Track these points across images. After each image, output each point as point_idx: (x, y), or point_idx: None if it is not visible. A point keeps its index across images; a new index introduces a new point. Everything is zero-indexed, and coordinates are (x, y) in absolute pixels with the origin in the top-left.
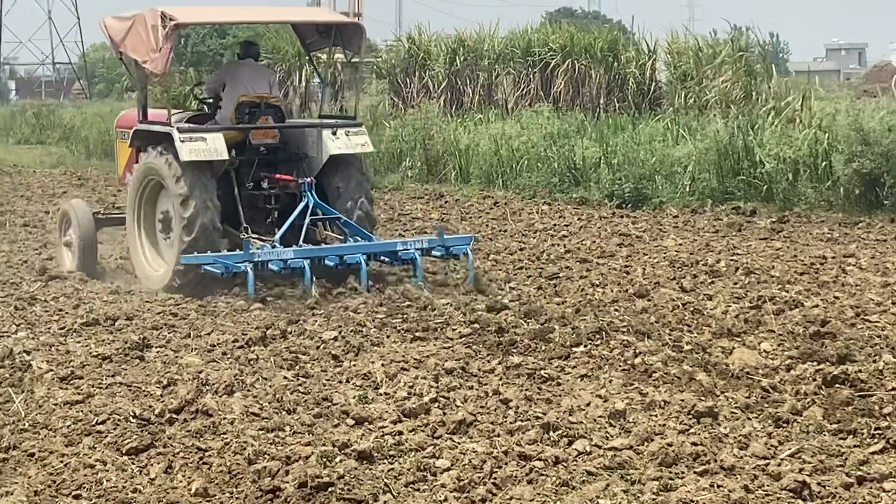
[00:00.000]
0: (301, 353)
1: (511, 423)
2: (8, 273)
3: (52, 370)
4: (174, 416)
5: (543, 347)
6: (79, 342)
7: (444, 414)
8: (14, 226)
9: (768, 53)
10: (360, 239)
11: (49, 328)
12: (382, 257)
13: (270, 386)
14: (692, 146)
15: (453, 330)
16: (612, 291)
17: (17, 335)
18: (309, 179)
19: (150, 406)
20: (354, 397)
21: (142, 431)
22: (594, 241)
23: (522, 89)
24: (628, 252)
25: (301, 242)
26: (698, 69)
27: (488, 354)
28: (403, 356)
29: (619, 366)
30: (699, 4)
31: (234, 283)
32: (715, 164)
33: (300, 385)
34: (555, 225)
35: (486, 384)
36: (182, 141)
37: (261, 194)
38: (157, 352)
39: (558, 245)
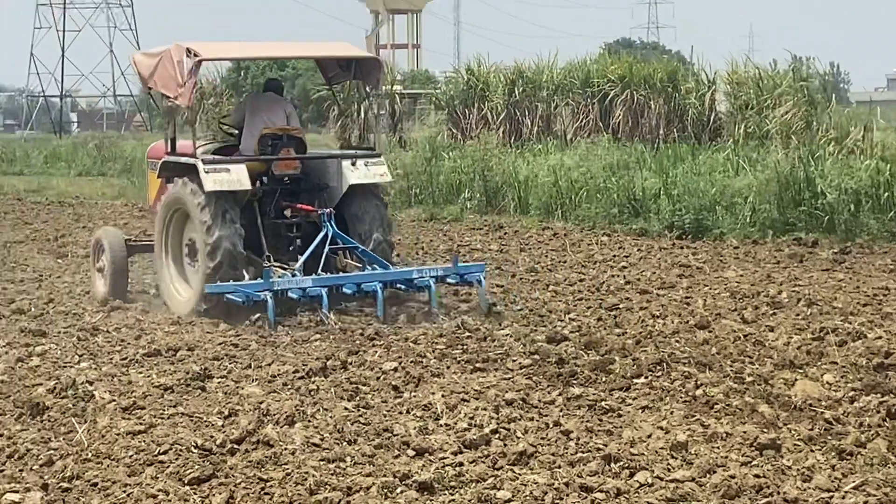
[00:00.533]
0: (361, 384)
1: (572, 454)
2: (70, 303)
3: (114, 400)
4: (235, 446)
5: (604, 379)
6: (141, 372)
7: (505, 445)
8: (76, 257)
9: (829, 83)
10: (377, 267)
11: (111, 358)
12: (399, 285)
13: (331, 416)
14: (752, 177)
15: (513, 361)
16: (672, 323)
17: (79, 365)
18: (328, 210)
19: (212, 436)
20: (415, 428)
21: (203, 462)
22: (654, 273)
23: (581, 120)
24: (689, 283)
25: (320, 271)
26: (758, 99)
27: (549, 385)
28: (464, 387)
29: (681, 397)
30: (759, 35)
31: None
32: (776, 195)
33: (361, 416)
34: (614, 256)
35: (546, 415)
36: (206, 172)
37: (283, 223)
38: (219, 382)
39: (618, 276)
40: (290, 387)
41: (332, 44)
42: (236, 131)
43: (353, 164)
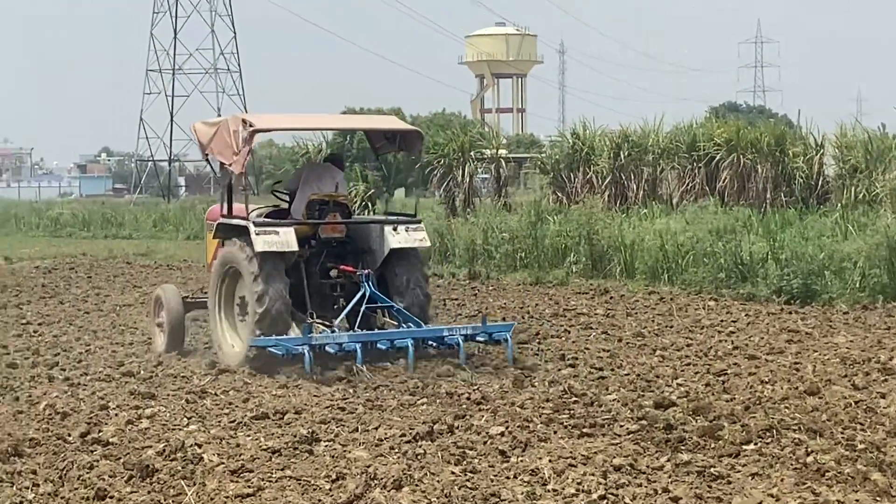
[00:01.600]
0: (468, 448)
1: None
2: (179, 366)
3: (222, 463)
4: None
5: (713, 445)
6: (249, 435)
7: None
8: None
9: None
10: (411, 325)
11: (220, 421)
12: (430, 342)
13: (438, 481)
14: (862, 241)
15: (621, 426)
16: (781, 389)
17: (188, 428)
18: (367, 271)
19: (320, 500)
20: (522, 493)
21: None
22: (762, 338)
23: (687, 184)
24: (798, 349)
25: (357, 327)
26: (867, 163)
27: (657, 451)
28: (571, 452)
29: (791, 464)
30: (867, 98)
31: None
32: (886, 260)
33: (468, 480)
34: (722, 321)
35: (655, 481)
36: (257, 234)
37: (328, 283)
38: (326, 445)
39: (726, 341)
40: (397, 451)
41: (378, 117)
42: (287, 197)
43: (395, 229)
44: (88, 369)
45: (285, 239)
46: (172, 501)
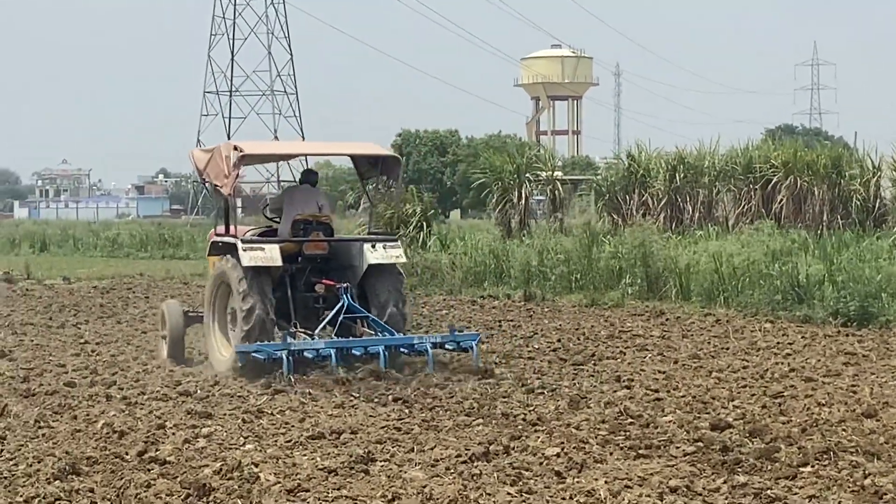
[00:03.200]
0: (524, 469)
1: None
2: (235, 386)
3: (279, 482)
4: None
5: (770, 467)
6: (305, 455)
7: None
8: None
9: None
10: (385, 334)
11: (276, 440)
12: (402, 349)
13: (494, 502)
14: None
15: (677, 448)
16: (839, 411)
17: (244, 447)
18: (345, 285)
19: None
20: None
21: None
22: (819, 360)
23: (743, 206)
24: (855, 371)
25: (335, 335)
26: None
27: (713, 473)
28: (627, 473)
29: (849, 487)
30: None
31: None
32: None
33: (524, 501)
34: (778, 343)
35: (711, 503)
36: (244, 250)
37: (311, 296)
38: (382, 466)
39: (782, 363)
40: (452, 471)
41: (360, 143)
42: (278, 218)
43: (374, 246)
44: (146, 388)
45: (270, 255)
46: None
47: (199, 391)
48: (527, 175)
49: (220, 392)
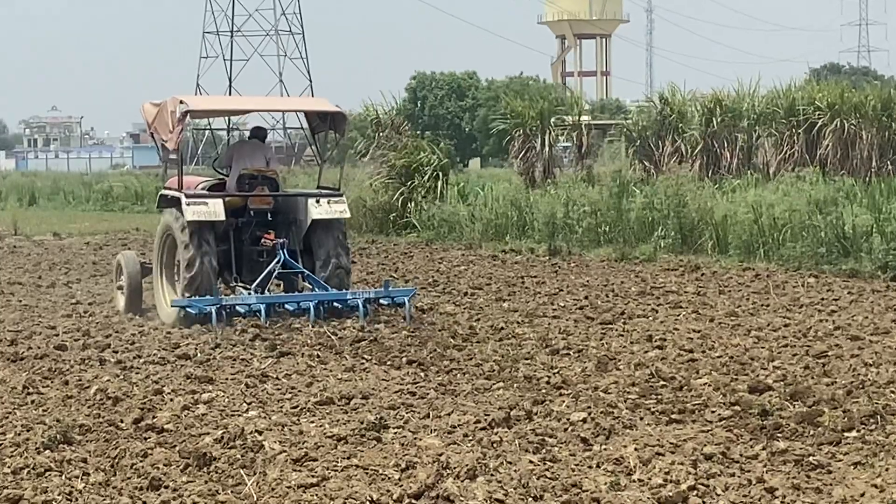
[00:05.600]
0: (548, 436)
1: None
2: (238, 349)
3: (285, 451)
4: (413, 501)
5: (812, 432)
6: (312, 422)
7: (704, 503)
8: None
9: None
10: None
11: (281, 407)
12: (336, 303)
13: (515, 470)
14: None
15: (712, 412)
16: (887, 372)
17: (248, 414)
18: (283, 240)
19: (388, 490)
20: (606, 483)
21: None
22: (866, 317)
23: (785, 152)
24: None
25: (268, 290)
26: None
27: (751, 439)
28: (658, 440)
29: None
30: None
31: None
32: None
33: (547, 470)
34: (822, 299)
35: (749, 471)
36: (188, 205)
37: (255, 249)
38: (395, 433)
39: (826, 321)
40: (471, 438)
41: (308, 99)
42: (226, 171)
43: (318, 201)
44: (142, 352)
45: (213, 209)
46: (231, 491)
47: (198, 354)
48: (551, 120)
49: (221, 355)
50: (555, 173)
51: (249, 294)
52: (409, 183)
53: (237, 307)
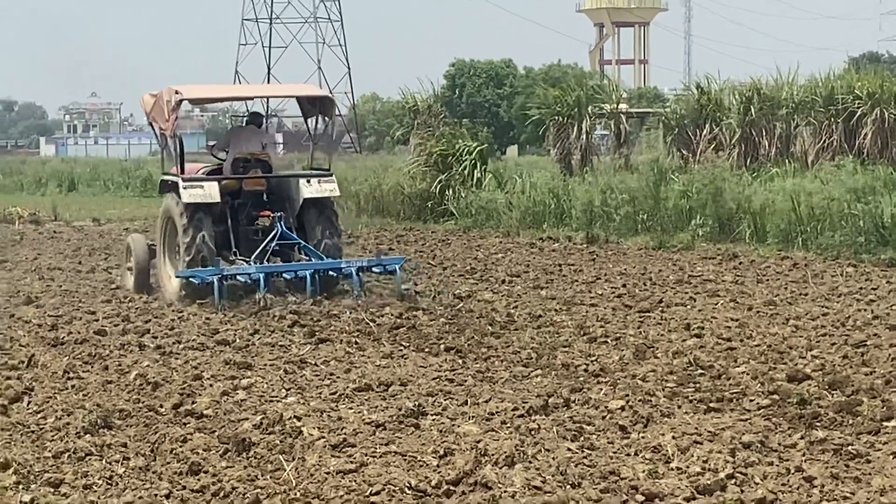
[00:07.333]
0: (586, 424)
1: (816, 502)
2: (277, 335)
3: (323, 437)
4: (451, 487)
5: (850, 421)
6: (351, 408)
7: (742, 492)
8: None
9: None
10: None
11: (320, 393)
12: (331, 272)
13: (553, 458)
14: None
15: (751, 401)
16: None
17: (287, 400)
18: (279, 214)
19: (426, 476)
20: (643, 472)
21: (417, 503)
22: None
23: (824, 141)
24: None
25: (266, 261)
26: None
27: (789, 428)
28: (696, 428)
29: None
30: None
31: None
32: None
33: (585, 457)
34: (861, 289)
35: (787, 460)
36: (185, 188)
37: (252, 228)
38: (433, 419)
39: (865, 310)
40: (509, 425)
41: (298, 85)
42: (223, 156)
43: (308, 181)
44: (181, 337)
45: (209, 192)
46: (270, 477)
47: (237, 340)
48: (588, 108)
49: (260, 341)
50: (592, 161)
51: (249, 265)
52: (446, 170)
53: (238, 276)
